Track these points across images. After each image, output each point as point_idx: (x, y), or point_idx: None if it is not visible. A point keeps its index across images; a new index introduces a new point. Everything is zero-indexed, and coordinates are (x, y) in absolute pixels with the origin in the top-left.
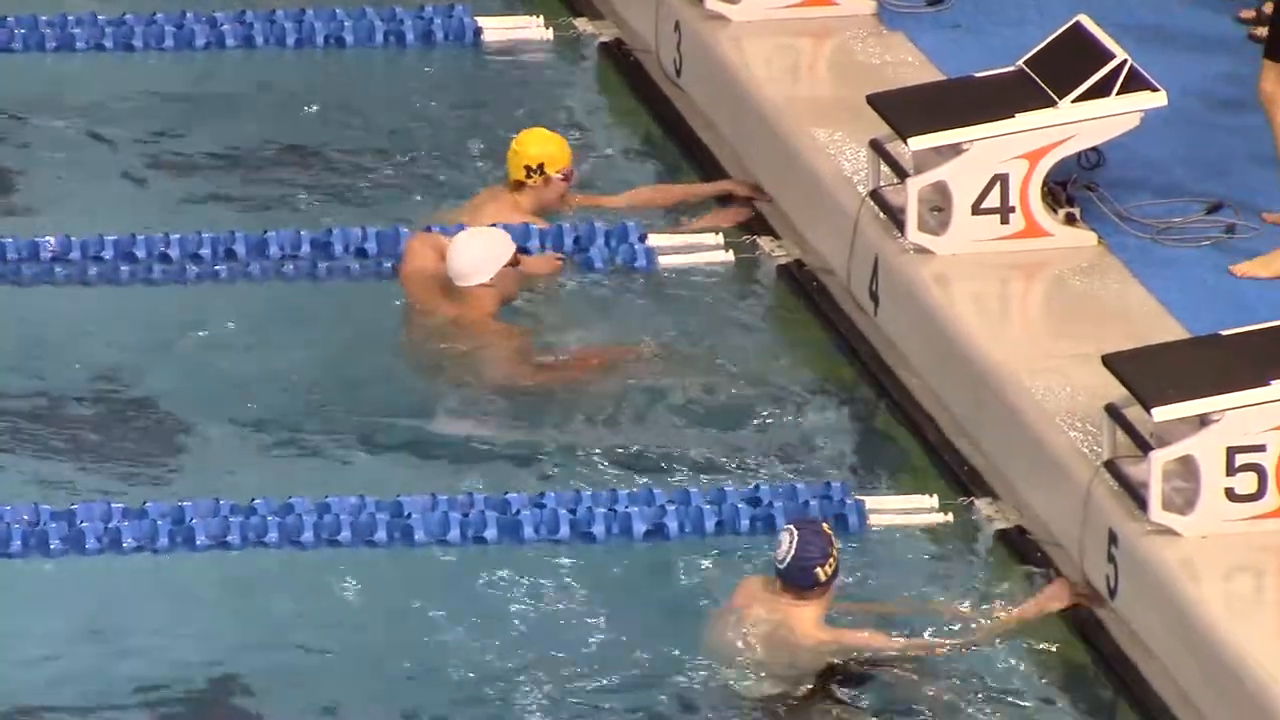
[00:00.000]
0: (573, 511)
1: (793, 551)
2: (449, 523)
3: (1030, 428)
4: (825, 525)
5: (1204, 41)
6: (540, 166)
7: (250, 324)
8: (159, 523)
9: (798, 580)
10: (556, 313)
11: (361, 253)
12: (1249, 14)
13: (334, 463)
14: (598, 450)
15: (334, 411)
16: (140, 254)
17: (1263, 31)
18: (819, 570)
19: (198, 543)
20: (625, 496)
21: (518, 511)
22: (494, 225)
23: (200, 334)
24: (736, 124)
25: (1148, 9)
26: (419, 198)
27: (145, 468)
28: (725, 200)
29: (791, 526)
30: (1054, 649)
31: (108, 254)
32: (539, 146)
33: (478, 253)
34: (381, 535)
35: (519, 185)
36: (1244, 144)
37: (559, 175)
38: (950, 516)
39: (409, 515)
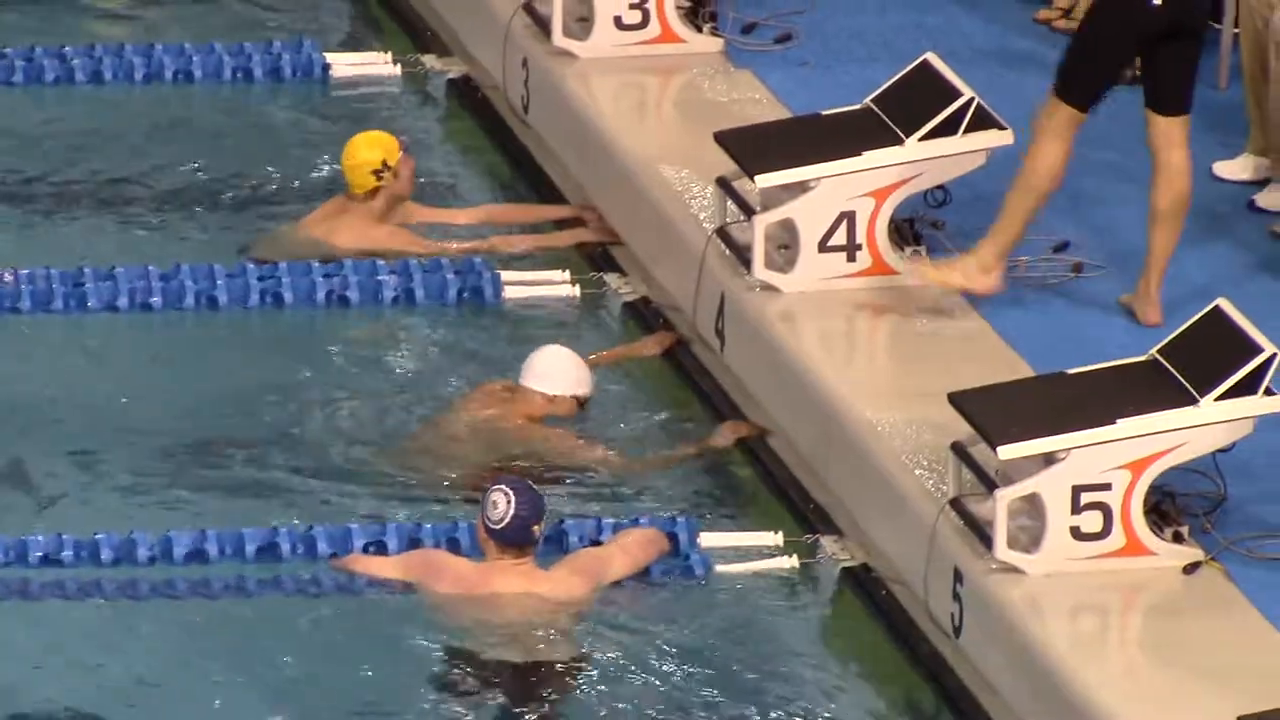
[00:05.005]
0: (415, 543)
1: (512, 510)
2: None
3: (876, 465)
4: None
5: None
6: (384, 163)
7: (96, 359)
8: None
9: (518, 538)
10: (410, 343)
11: (211, 300)
12: None
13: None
14: (436, 480)
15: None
16: None
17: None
18: (535, 528)
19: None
20: (466, 529)
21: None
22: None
23: (51, 367)
24: (584, 161)
25: (996, 45)
26: (266, 233)
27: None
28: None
29: (504, 487)
30: (898, 687)
31: None
32: (372, 148)
33: (564, 364)
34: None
35: (373, 192)
36: (1093, 182)
37: (399, 161)
38: (795, 554)
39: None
